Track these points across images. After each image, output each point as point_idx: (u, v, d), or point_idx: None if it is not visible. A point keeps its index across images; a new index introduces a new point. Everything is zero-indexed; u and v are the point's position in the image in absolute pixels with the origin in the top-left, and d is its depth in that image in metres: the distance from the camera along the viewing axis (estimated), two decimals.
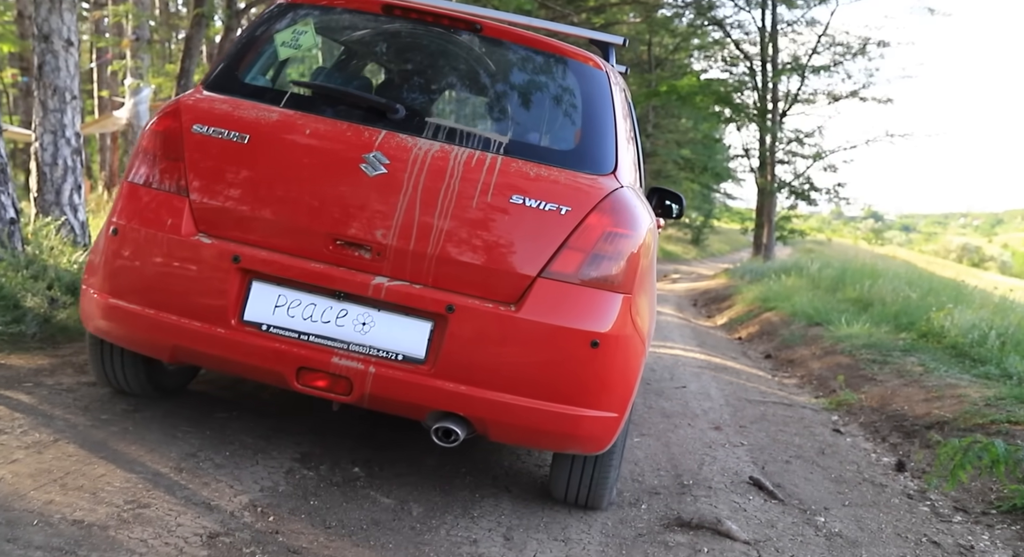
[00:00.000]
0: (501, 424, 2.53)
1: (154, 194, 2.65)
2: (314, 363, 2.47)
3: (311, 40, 3.20)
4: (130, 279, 2.62)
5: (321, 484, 2.66)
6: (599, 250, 2.59)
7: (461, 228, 2.55)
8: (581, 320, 2.53)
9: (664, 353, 6.64)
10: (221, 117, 2.67)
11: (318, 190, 2.59)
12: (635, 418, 4.32)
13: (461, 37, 2.97)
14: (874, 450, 4.35)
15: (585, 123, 2.90)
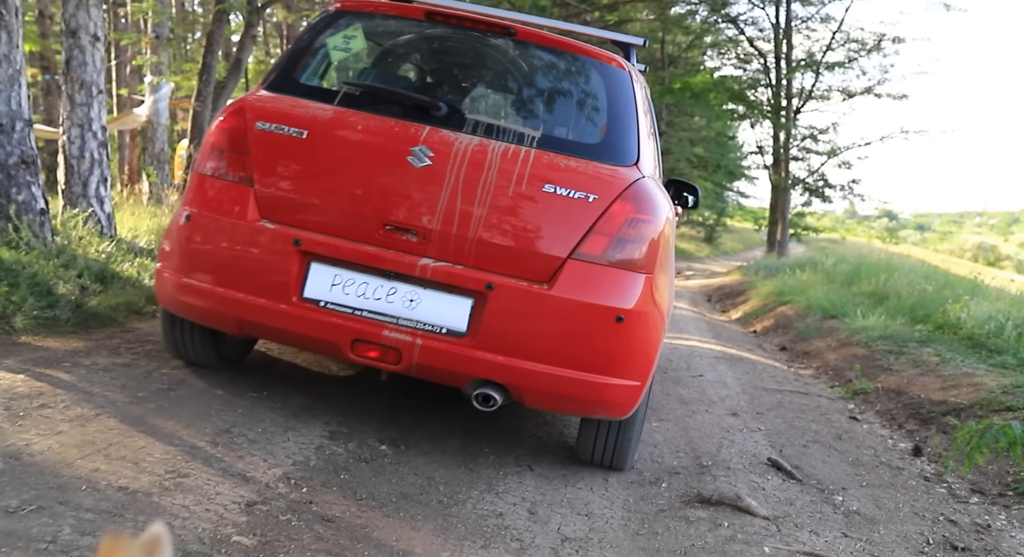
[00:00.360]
0: (535, 391, 2.80)
1: (222, 184, 2.93)
2: (367, 336, 2.75)
3: (360, 44, 3.65)
4: (201, 260, 2.90)
5: (350, 460, 2.74)
6: (623, 234, 2.85)
7: (498, 214, 2.82)
8: (607, 297, 2.79)
9: (680, 345, 6.69)
10: (281, 115, 2.95)
11: (369, 180, 2.87)
12: (653, 404, 4.38)
13: (496, 40, 3.24)
14: (891, 436, 4.39)
15: (610, 119, 3.17)
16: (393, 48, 3.79)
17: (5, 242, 4.47)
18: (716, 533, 2.59)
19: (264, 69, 27.03)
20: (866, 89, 21.01)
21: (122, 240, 5.77)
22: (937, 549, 2.75)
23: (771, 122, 21.25)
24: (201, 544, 1.92)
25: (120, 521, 1.91)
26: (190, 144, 7.22)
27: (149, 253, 5.65)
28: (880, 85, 20.82)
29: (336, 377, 3.68)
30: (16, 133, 4.81)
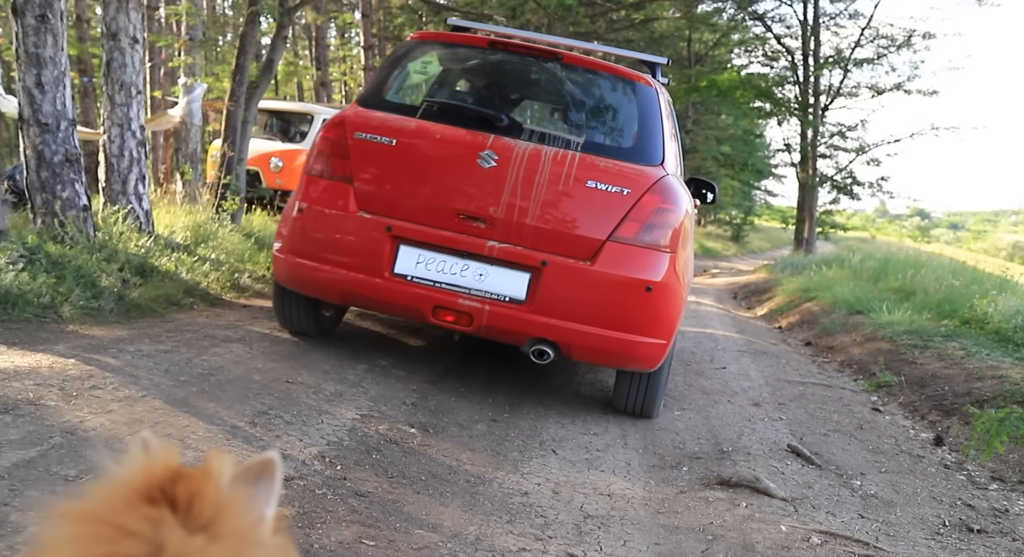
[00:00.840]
0: (580, 347, 3.47)
1: (327, 183, 3.62)
2: (445, 303, 3.43)
3: (436, 67, 4.48)
4: (312, 244, 3.60)
5: (381, 441, 2.86)
6: (651, 221, 3.50)
7: (550, 205, 3.48)
8: (638, 271, 3.46)
9: (704, 339, 6.75)
10: (374, 126, 3.64)
11: (446, 179, 3.55)
12: (675, 394, 4.47)
13: (546, 64, 3.99)
14: (912, 426, 4.43)
15: (640, 127, 3.85)
16: (462, 70, 4.52)
17: (51, 237, 4.66)
18: (734, 512, 2.67)
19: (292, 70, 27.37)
20: (896, 86, 20.81)
21: (159, 236, 5.95)
22: (953, 531, 2.81)
23: (798, 119, 21.14)
24: None
25: None
26: (223, 143, 7.39)
27: (185, 248, 5.83)
28: (910, 81, 20.62)
29: (367, 366, 3.81)
30: (61, 132, 5.00)
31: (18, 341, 3.14)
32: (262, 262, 6.19)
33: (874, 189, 21.27)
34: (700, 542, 2.44)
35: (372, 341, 4.33)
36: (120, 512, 0.62)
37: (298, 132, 12.65)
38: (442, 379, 3.98)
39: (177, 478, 0.66)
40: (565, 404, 3.99)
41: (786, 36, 22.03)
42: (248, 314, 4.44)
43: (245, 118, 7.56)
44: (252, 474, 0.70)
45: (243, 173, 7.51)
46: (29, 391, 2.50)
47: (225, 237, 6.28)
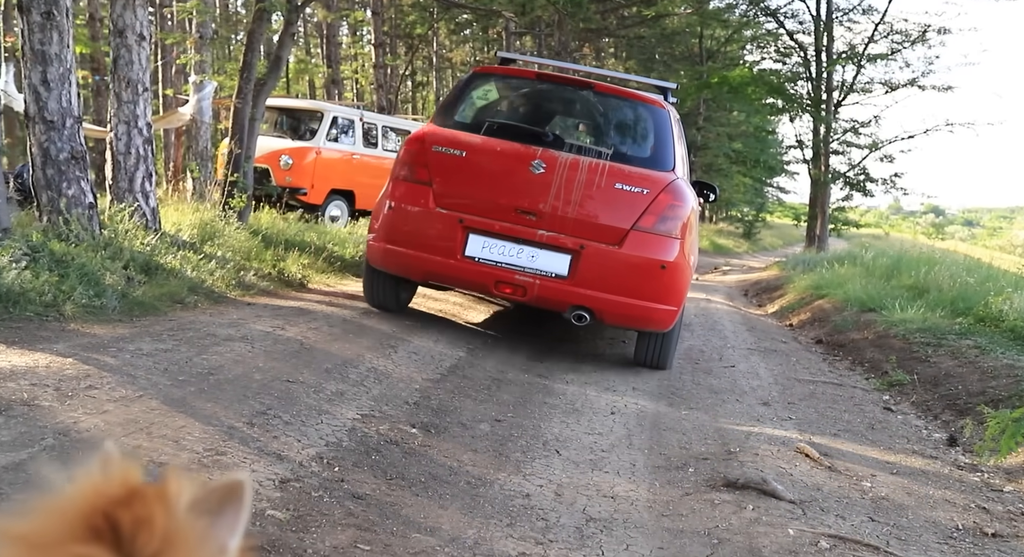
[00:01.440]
0: (610, 313, 4.48)
1: (411, 185, 4.61)
2: (505, 278, 4.43)
3: (494, 94, 5.50)
4: (400, 233, 4.59)
5: (381, 442, 2.81)
6: (665, 214, 4.48)
7: (586, 202, 4.45)
8: (655, 254, 4.45)
9: (713, 337, 6.67)
10: (447, 141, 4.64)
11: (505, 182, 4.54)
12: (683, 393, 4.41)
13: (582, 92, 5.09)
14: (925, 426, 4.35)
15: (655, 141, 4.85)
16: (515, 96, 5.48)
17: (56, 235, 4.64)
18: (740, 515, 2.62)
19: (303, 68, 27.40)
20: (910, 81, 20.61)
21: (166, 234, 5.93)
22: (967, 534, 2.74)
23: (811, 116, 20.97)
24: None
25: None
26: (231, 140, 7.37)
27: (191, 246, 5.81)
28: (924, 77, 20.42)
29: (369, 366, 3.77)
30: (66, 130, 4.99)
31: (18, 340, 3.11)
32: (269, 260, 6.17)
33: (888, 186, 21.07)
34: (705, 546, 2.39)
35: (376, 340, 4.29)
36: (54, 541, 0.57)
37: (308, 130, 12.66)
38: (446, 378, 3.94)
39: (129, 501, 0.60)
40: (570, 404, 3.94)
41: (798, 32, 21.85)
42: (252, 312, 4.41)
43: (253, 115, 7.54)
44: (216, 499, 0.61)
45: (251, 170, 7.49)
46: (24, 391, 2.48)
47: (231, 235, 6.26)
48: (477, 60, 36.59)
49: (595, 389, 4.34)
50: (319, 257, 6.80)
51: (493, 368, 4.40)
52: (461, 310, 5.83)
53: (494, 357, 4.67)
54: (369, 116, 13.85)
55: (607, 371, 4.83)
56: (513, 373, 4.41)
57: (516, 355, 4.91)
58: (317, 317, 4.51)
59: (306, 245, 7.12)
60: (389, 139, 14.36)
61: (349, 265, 7.32)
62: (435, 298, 6.05)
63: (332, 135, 12.59)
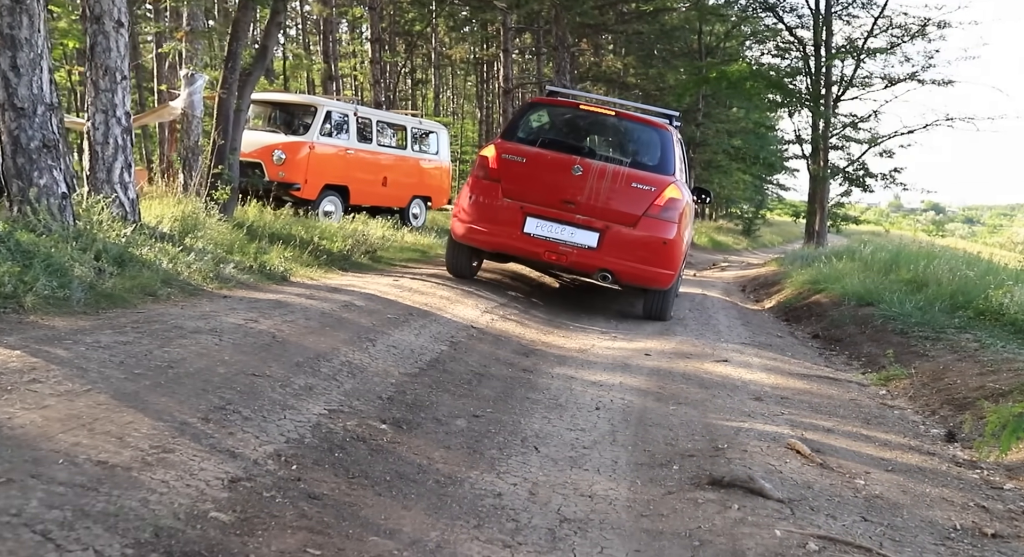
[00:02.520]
0: (626, 274, 6.28)
1: (486, 182, 6.44)
2: (552, 249, 6.24)
3: (546, 118, 7.26)
4: (478, 216, 6.41)
5: (347, 439, 2.67)
6: (667, 205, 6.27)
7: (611, 196, 6.24)
8: (659, 233, 6.24)
9: (707, 331, 6.52)
10: (512, 150, 6.50)
11: (553, 180, 6.31)
12: (672, 389, 4.26)
13: (610, 118, 6.92)
14: (923, 422, 4.20)
15: (661, 153, 6.66)
16: (561, 120, 7.22)
17: (24, 225, 4.49)
18: (725, 515, 2.47)
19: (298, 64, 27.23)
20: (909, 76, 20.42)
21: (145, 226, 5.78)
22: (965, 535, 2.59)
23: (810, 110, 20.78)
24: (175, 519, 1.85)
25: (93, 495, 1.85)
26: (215, 132, 7.21)
27: (172, 239, 5.65)
28: (925, 71, 20.23)
29: (345, 359, 3.62)
30: (38, 117, 4.84)
31: None
32: (251, 253, 6.01)
33: (887, 181, 20.89)
34: (685, 549, 2.24)
35: (354, 333, 4.14)
36: None
37: (301, 124, 12.47)
38: (424, 372, 3.79)
39: None
40: (553, 399, 3.80)
41: (797, 27, 21.66)
42: (226, 305, 4.26)
43: (238, 106, 7.39)
44: None
45: (236, 162, 7.33)
46: None
47: (212, 227, 6.11)
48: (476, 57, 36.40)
49: (581, 384, 4.19)
50: (304, 251, 6.65)
51: (476, 362, 4.25)
52: (447, 304, 5.67)
53: (477, 351, 4.52)
54: (363, 111, 13.67)
55: (595, 366, 4.68)
56: (496, 367, 4.26)
57: (501, 349, 4.76)
58: (294, 310, 4.36)
59: (292, 238, 6.97)
60: (384, 134, 14.19)
61: (336, 259, 7.17)
62: (420, 292, 5.90)
63: (326, 130, 12.41)
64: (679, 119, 7.95)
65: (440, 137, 14.86)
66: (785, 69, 22.14)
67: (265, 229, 7.17)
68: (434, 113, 35.21)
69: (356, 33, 37.11)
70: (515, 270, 8.58)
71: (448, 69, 41.52)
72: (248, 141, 12.19)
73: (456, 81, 44.91)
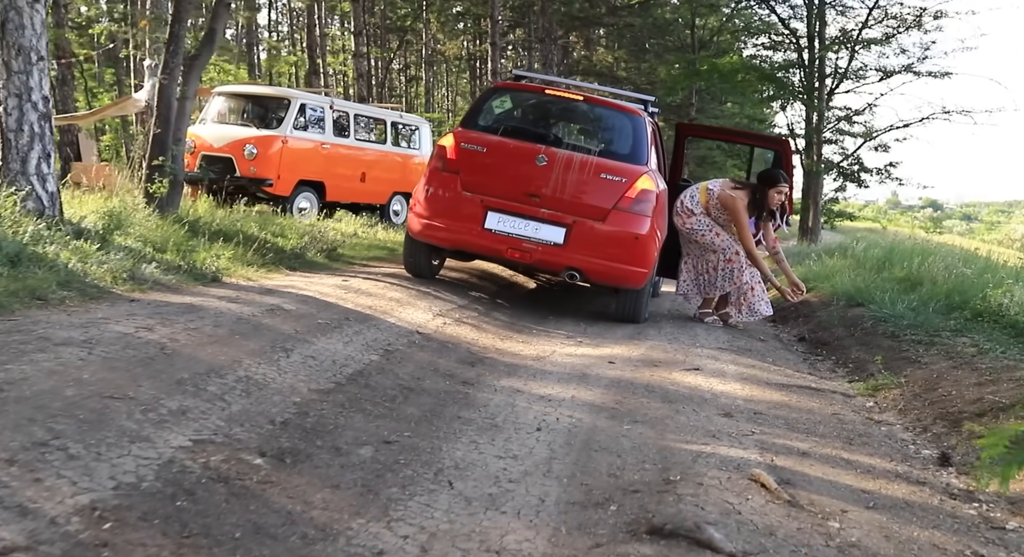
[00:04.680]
0: (596, 273, 5.80)
1: (444, 175, 5.91)
2: (515, 246, 5.73)
3: (509, 104, 6.79)
4: (435, 210, 5.88)
5: (202, 479, 2.17)
6: (638, 198, 5.78)
7: (578, 187, 5.73)
8: (631, 228, 5.76)
9: (681, 333, 6.03)
10: (472, 140, 5.97)
11: (516, 171, 5.80)
12: (631, 403, 3.77)
13: (577, 103, 6.44)
14: (913, 441, 3.72)
15: (633, 141, 6.13)
16: (525, 106, 6.77)
17: None
18: None
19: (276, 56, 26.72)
20: (905, 67, 19.97)
21: (65, 221, 5.29)
22: None
23: (803, 104, 20.30)
24: None
25: None
26: (154, 120, 6.71)
27: (95, 236, 5.16)
28: (920, 63, 19.77)
29: (245, 374, 3.12)
30: None
31: None
32: (182, 251, 5.51)
33: (882, 175, 20.44)
34: None
35: (269, 341, 3.65)
36: None
37: (275, 118, 11.98)
38: (341, 388, 3.30)
39: None
40: (490, 418, 3.31)
41: (791, 18, 21.19)
42: (126, 310, 3.76)
43: (183, 94, 6.89)
44: None
45: (180, 155, 6.83)
46: None
47: (140, 223, 5.61)
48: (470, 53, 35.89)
49: (527, 398, 3.70)
50: (249, 249, 6.15)
51: (408, 374, 3.76)
52: (395, 307, 5.18)
53: (415, 361, 4.03)
54: (340, 104, 13.18)
55: (548, 377, 4.19)
56: (432, 380, 3.77)
57: (444, 358, 4.27)
58: (206, 315, 3.86)
59: (242, 235, 6.48)
60: (363, 129, 13.69)
61: (287, 257, 6.68)
62: (368, 294, 5.41)
63: (300, 123, 11.94)
64: (656, 104, 7.43)
65: (422, 132, 14.37)
66: (778, 63, 21.66)
67: (212, 225, 6.67)
68: (426, 109, 34.72)
69: (345, 27, 36.58)
70: (484, 268, 8.09)
71: (443, 65, 41.01)
72: (218, 135, 11.75)
73: (451, 78, 44.44)
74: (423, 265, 6.48)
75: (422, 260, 6.45)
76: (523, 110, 6.78)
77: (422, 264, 6.47)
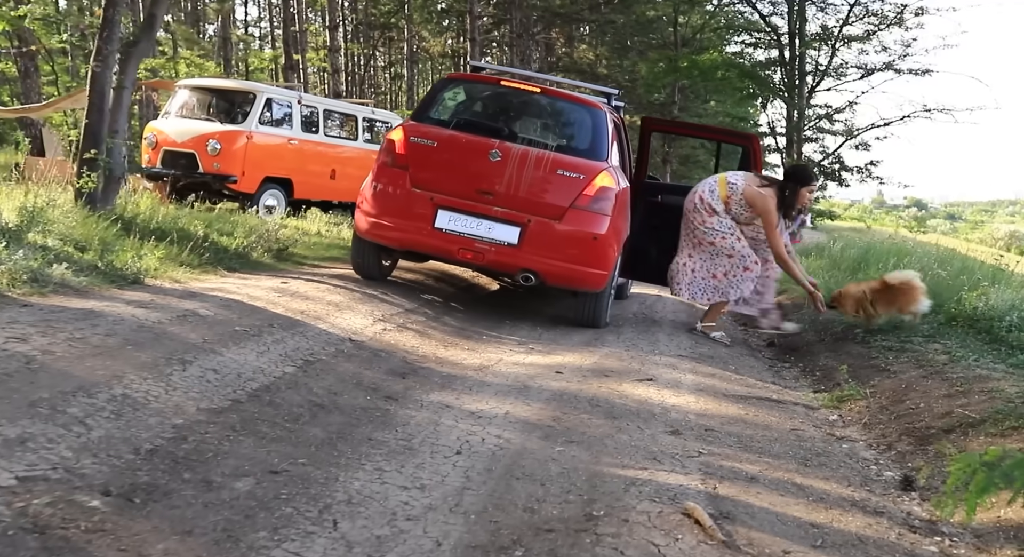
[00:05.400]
0: (552, 274, 5.45)
1: (393, 170, 5.58)
2: (466, 246, 5.40)
3: (462, 96, 6.42)
4: (383, 208, 5.55)
5: (10, 531, 1.81)
6: (597, 195, 5.47)
7: (534, 184, 5.42)
8: (589, 227, 5.45)
9: (641, 339, 5.70)
10: (422, 133, 5.63)
11: (468, 167, 5.49)
12: (570, 419, 3.44)
13: (534, 96, 6.05)
14: (876, 460, 3.40)
15: (592, 136, 5.79)
16: (479, 98, 6.40)
17: None
18: None
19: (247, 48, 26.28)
20: (886, 65, 19.75)
21: None
22: None
23: (784, 101, 20.07)
24: None
25: None
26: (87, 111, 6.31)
27: (9, 233, 4.77)
28: (902, 60, 19.55)
29: (124, 391, 2.76)
30: None
31: None
32: (98, 249, 5.12)
33: (863, 174, 20.22)
34: None
35: (166, 353, 3.29)
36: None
37: (240, 112, 11.57)
38: (240, 405, 2.95)
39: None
40: (406, 439, 2.97)
41: (771, 14, 20.93)
42: (9, 317, 3.38)
43: (120, 83, 6.49)
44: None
45: (118, 148, 6.44)
46: None
47: (61, 220, 5.23)
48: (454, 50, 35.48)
49: (454, 415, 3.36)
50: (184, 248, 5.78)
51: (324, 389, 3.41)
52: (332, 311, 4.83)
53: (336, 373, 3.68)
54: (309, 98, 12.78)
55: (485, 390, 3.85)
56: (350, 395, 3.43)
57: (373, 368, 3.93)
58: (102, 323, 3.50)
59: (182, 233, 6.10)
60: (333, 124, 13.30)
61: (230, 257, 6.30)
62: (305, 297, 5.05)
63: (266, 118, 11.54)
64: (620, 98, 7.11)
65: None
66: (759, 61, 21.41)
67: (150, 223, 6.29)
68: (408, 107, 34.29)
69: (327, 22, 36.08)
70: (444, 269, 7.75)
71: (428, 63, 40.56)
72: (181, 130, 11.33)
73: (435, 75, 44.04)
74: (372, 266, 6.13)
75: (371, 261, 6.09)
76: (477, 103, 6.42)
77: (371, 265, 6.12)
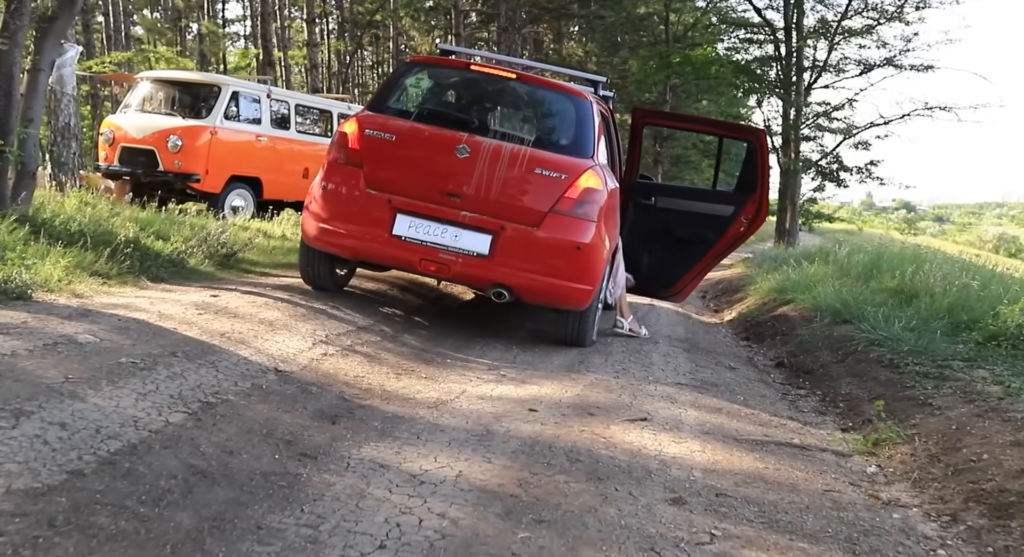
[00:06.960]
0: (529, 290, 4.77)
1: (345, 168, 4.89)
2: (429, 256, 4.72)
3: (427, 83, 5.75)
4: (333, 212, 4.87)
5: None
6: (581, 198, 4.76)
7: (508, 185, 4.74)
8: (571, 235, 4.73)
9: (634, 364, 4.89)
10: (379, 126, 4.94)
11: (432, 165, 4.84)
12: (541, 484, 2.62)
13: (509, 82, 5.27)
14: (942, 541, 2.60)
15: (577, 129, 5.10)
16: (446, 85, 5.66)
17: None
18: None
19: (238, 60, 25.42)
20: (886, 61, 19.01)
21: None
22: None
23: (780, 98, 19.30)
24: None
25: None
26: None
27: None
28: (903, 56, 18.83)
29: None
30: None
31: None
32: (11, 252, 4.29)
33: (863, 174, 19.49)
34: None
35: (7, 397, 2.46)
36: None
37: (204, 107, 10.73)
38: (81, 478, 2.13)
39: None
40: (313, 524, 2.15)
41: (767, 8, 20.17)
42: None
43: (36, 64, 5.65)
44: None
45: (32, 139, 5.60)
46: None
47: None
48: None
49: (388, 481, 2.54)
50: (99, 254, 4.94)
51: (218, 445, 2.58)
52: (263, 332, 4.00)
53: (243, 419, 2.85)
54: (278, 93, 11.95)
55: (437, 438, 3.03)
56: (252, 453, 2.59)
57: (295, 410, 3.10)
58: None
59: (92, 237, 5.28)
60: (306, 120, 12.47)
61: (158, 264, 5.46)
62: (233, 315, 4.22)
63: (232, 113, 10.72)
64: (608, 87, 6.28)
65: None
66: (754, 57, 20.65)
67: (69, 225, 5.45)
68: None
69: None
70: (409, 278, 6.92)
71: None
72: (140, 125, 10.48)
73: None
74: (323, 275, 5.35)
75: (321, 270, 5.31)
76: (443, 90, 5.68)
77: (322, 274, 5.34)
